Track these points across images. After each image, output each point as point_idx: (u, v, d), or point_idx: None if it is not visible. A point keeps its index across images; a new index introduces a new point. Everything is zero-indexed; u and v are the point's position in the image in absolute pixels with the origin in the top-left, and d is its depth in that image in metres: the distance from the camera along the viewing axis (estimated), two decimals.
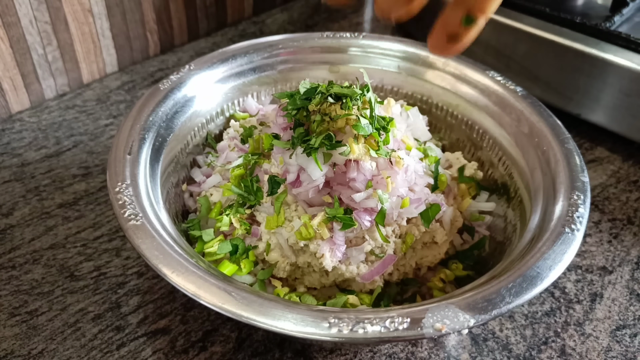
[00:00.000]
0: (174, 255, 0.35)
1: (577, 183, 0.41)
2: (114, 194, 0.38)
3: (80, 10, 0.64)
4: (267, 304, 0.32)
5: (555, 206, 0.40)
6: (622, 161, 0.61)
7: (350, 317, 0.31)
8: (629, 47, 0.58)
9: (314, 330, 0.31)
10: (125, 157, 0.41)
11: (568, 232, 0.37)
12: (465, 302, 0.32)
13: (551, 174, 0.42)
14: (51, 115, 0.64)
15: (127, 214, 0.36)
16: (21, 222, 0.52)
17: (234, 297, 0.32)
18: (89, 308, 0.45)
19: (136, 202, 0.37)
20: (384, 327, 0.31)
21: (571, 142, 0.44)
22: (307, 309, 0.32)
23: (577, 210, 0.38)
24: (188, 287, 0.33)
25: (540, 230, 0.39)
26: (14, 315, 0.44)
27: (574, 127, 0.64)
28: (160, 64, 0.73)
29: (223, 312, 0.32)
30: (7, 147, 0.60)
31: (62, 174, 0.57)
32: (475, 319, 0.31)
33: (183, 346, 0.43)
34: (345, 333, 0.30)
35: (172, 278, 0.33)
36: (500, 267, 0.37)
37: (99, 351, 0.42)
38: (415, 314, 0.31)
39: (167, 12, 0.72)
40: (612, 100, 0.59)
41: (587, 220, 0.38)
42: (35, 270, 0.48)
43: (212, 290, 0.33)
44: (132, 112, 0.45)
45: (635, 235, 0.53)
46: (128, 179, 0.39)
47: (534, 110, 0.47)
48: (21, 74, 0.62)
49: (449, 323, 0.31)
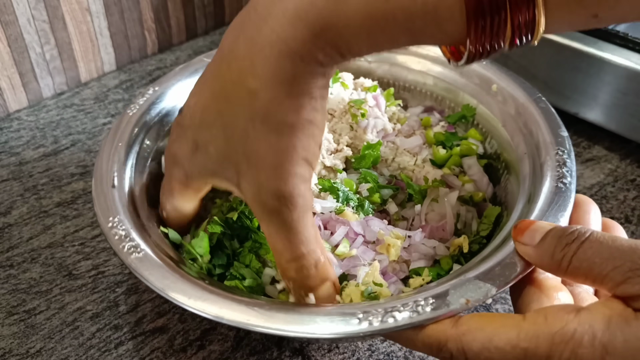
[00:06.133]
0: (185, 281, 0.34)
1: (559, 139, 0.42)
2: (107, 229, 0.37)
3: (78, 9, 0.63)
4: (292, 312, 0.32)
5: (543, 164, 0.40)
6: (620, 160, 0.61)
7: (377, 309, 0.31)
8: (626, 46, 0.58)
9: (347, 329, 0.30)
10: (110, 190, 0.39)
11: (561, 187, 0.38)
12: (483, 272, 0.32)
13: (532, 135, 0.44)
14: (49, 114, 0.64)
15: (127, 247, 0.35)
16: (19, 221, 0.52)
17: (257, 311, 0.32)
18: (87, 307, 0.45)
19: (134, 234, 0.36)
20: (413, 311, 0.30)
21: (543, 99, 0.46)
22: (333, 309, 0.32)
23: (565, 165, 0.39)
24: (209, 310, 0.32)
25: (534, 190, 0.39)
26: (12, 314, 0.44)
27: (572, 125, 0.64)
28: (158, 62, 0.73)
29: (250, 328, 0.31)
30: (5, 145, 0.59)
31: (60, 172, 0.57)
32: (496, 286, 0.31)
33: (181, 345, 0.43)
34: (376, 325, 0.30)
35: (190, 304, 0.33)
36: (505, 232, 0.37)
37: (97, 350, 0.42)
38: (438, 293, 0.31)
39: (165, 10, 0.72)
40: (610, 99, 0.59)
41: None
42: (33, 269, 0.48)
43: (233, 308, 0.32)
44: (105, 144, 0.43)
45: (633, 234, 0.53)
46: (120, 212, 0.38)
47: (503, 74, 0.49)
48: (19, 72, 0.62)
49: (472, 295, 0.31)
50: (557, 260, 0.30)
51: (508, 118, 0.47)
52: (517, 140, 0.45)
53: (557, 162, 0.40)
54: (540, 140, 0.43)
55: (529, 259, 0.32)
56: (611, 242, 0.28)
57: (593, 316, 0.27)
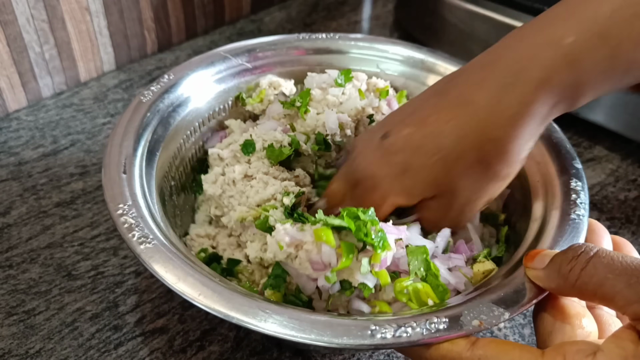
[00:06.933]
0: (196, 274, 0.33)
1: (572, 170, 0.42)
2: (117, 216, 0.35)
3: (78, 9, 0.63)
4: (306, 319, 0.31)
5: (556, 194, 0.40)
6: (621, 160, 0.61)
7: (390, 323, 0.31)
8: None
9: (360, 342, 0.30)
10: (120, 177, 0.39)
11: (575, 218, 0.38)
12: (497, 296, 0.33)
13: (545, 164, 0.43)
14: (48, 113, 0.64)
15: (137, 236, 0.34)
16: (18, 221, 0.51)
17: (269, 314, 0.31)
18: (87, 307, 0.45)
19: (143, 223, 0.35)
20: (425, 329, 0.30)
21: (557, 129, 0.45)
22: (347, 320, 0.32)
23: (579, 197, 0.39)
24: (219, 308, 0.31)
25: (545, 218, 0.39)
26: (11, 315, 0.44)
27: (572, 125, 0.64)
28: (157, 62, 0.73)
29: (262, 331, 0.31)
30: (4, 145, 0.59)
31: (59, 172, 0.57)
32: (509, 311, 0.32)
33: (181, 345, 0.43)
34: (389, 339, 0.30)
35: (200, 300, 0.32)
36: (517, 257, 0.37)
37: (96, 350, 0.42)
38: (452, 314, 0.31)
39: (165, 10, 0.72)
40: (611, 99, 0.59)
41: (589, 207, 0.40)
42: (32, 269, 0.47)
43: (244, 310, 0.31)
44: (117, 129, 0.42)
45: (634, 234, 0.53)
46: (129, 199, 0.37)
47: None
48: (18, 72, 0.62)
49: (485, 318, 0.31)
50: (564, 274, 0.30)
51: None
52: (531, 170, 0.44)
53: (572, 193, 0.40)
54: (553, 171, 0.42)
55: (539, 281, 0.32)
56: (621, 258, 0.28)
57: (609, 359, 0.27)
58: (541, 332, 0.32)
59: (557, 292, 0.32)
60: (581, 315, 0.31)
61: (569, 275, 0.29)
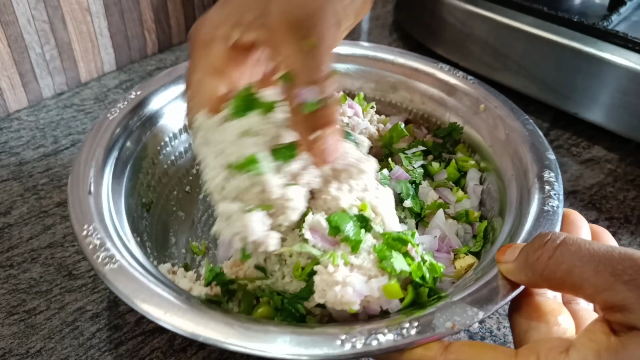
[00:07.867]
0: (161, 294, 0.33)
1: (545, 162, 0.42)
2: (82, 238, 0.35)
3: (78, 9, 0.64)
4: (273, 332, 0.31)
5: (530, 187, 0.40)
6: (620, 160, 0.61)
7: (361, 331, 0.30)
8: (626, 46, 0.58)
9: (329, 351, 0.30)
10: (86, 197, 0.38)
11: (549, 210, 0.38)
12: (470, 296, 0.32)
13: (519, 157, 0.43)
14: (49, 114, 0.64)
15: (101, 258, 0.35)
16: (19, 221, 0.52)
17: (236, 330, 0.31)
18: (87, 307, 0.45)
19: (109, 244, 0.35)
20: (397, 334, 0.30)
21: (531, 122, 0.46)
22: (316, 329, 0.31)
23: (553, 188, 0.39)
24: (184, 327, 0.31)
25: (521, 212, 0.39)
26: (12, 314, 0.44)
27: (571, 125, 0.64)
28: (158, 62, 0.73)
29: (227, 347, 0.30)
30: (5, 146, 0.59)
31: (60, 172, 0.57)
32: (483, 310, 0.31)
33: (181, 344, 0.43)
34: (359, 348, 0.29)
35: (166, 319, 0.31)
36: (492, 253, 0.36)
37: (97, 350, 0.42)
38: (424, 317, 0.31)
39: (165, 11, 0.72)
40: (610, 99, 0.59)
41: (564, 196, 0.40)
42: (33, 269, 0.48)
43: (211, 326, 0.31)
44: (83, 148, 0.42)
45: (633, 234, 0.53)
46: (95, 220, 0.37)
47: (490, 94, 0.49)
48: (19, 72, 0.62)
49: (459, 320, 0.30)
50: (532, 263, 0.29)
51: (496, 140, 0.47)
52: (504, 163, 0.45)
53: (545, 185, 0.40)
54: (528, 163, 0.42)
55: (511, 275, 0.32)
56: (589, 245, 0.28)
57: (583, 355, 0.26)
58: (517, 332, 0.31)
59: (528, 284, 0.31)
60: (557, 312, 0.31)
61: (536, 264, 0.29)
